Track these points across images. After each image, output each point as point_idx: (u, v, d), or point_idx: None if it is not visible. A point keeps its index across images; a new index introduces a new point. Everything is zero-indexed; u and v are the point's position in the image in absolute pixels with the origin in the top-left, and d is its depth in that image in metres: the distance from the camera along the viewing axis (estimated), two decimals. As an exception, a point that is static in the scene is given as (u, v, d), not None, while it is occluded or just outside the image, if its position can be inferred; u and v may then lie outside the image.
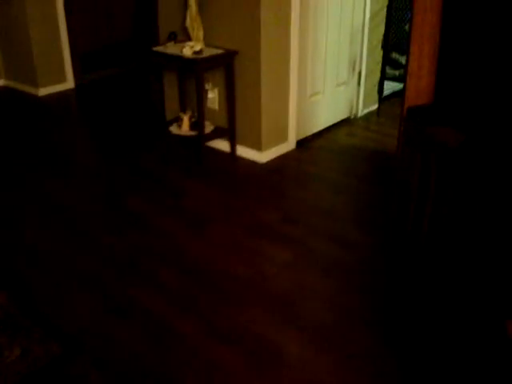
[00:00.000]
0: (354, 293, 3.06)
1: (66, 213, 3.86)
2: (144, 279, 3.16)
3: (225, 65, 4.43)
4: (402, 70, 6.73)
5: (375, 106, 5.93)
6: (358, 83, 5.53)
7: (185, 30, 4.54)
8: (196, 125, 4.59)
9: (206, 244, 3.50)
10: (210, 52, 4.28)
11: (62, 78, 6.59)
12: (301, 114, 4.87)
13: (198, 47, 4.20)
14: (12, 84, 6.69)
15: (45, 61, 6.35)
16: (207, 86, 4.65)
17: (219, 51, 4.32)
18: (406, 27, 6.53)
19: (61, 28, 6.38)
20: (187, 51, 4.20)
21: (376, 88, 5.83)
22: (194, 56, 4.18)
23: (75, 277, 3.18)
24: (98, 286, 3.10)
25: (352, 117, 5.66)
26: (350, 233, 3.63)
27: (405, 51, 6.56)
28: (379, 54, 5.68)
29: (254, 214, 3.84)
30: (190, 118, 4.60)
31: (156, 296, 3.01)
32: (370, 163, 4.69)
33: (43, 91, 6.42)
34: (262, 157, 4.62)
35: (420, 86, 3.17)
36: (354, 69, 5.42)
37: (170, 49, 4.39)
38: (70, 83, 6.67)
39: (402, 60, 6.65)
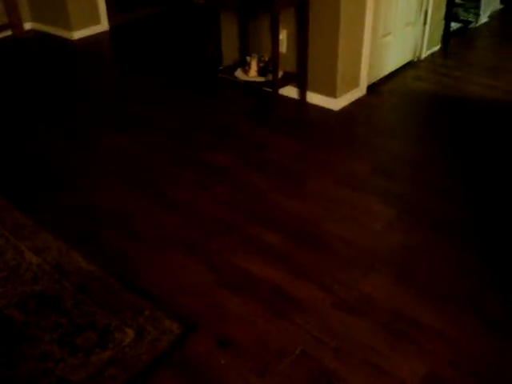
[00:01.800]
0: (471, 249, 2.81)
1: (138, 170, 3.53)
2: (245, 243, 2.87)
3: (298, 4, 4.03)
4: (458, 9, 6.34)
5: (436, 48, 5.54)
6: (424, 23, 5.12)
7: (249, -36, 4.12)
8: (264, 70, 4.23)
9: (302, 201, 3.21)
10: (284, -11, 3.87)
11: (95, 20, 6.13)
12: (372, 56, 4.49)
13: (272, -16, 3.78)
14: (41, 27, 6.23)
15: (78, 3, 5.89)
16: (275, 28, 4.25)
17: (294, -12, 3.91)
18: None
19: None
20: (261, -12, 3.79)
21: (440, 26, 5.42)
22: (269, -6, 3.78)
23: (169, 243, 2.87)
24: (198, 252, 2.80)
25: (416, 59, 5.27)
26: (449, 184, 3.34)
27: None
28: (445, -10, 5.26)
29: (343, 166, 3.54)
30: (258, 63, 4.22)
31: (263, 262, 2.72)
32: (448, 110, 4.34)
33: (77, 34, 5.97)
34: (336, 104, 4.27)
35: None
36: (421, 8, 5.01)
37: (240, -14, 3.97)
38: (104, 25, 6.23)
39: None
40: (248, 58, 4.26)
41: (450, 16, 5.45)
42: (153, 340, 2.27)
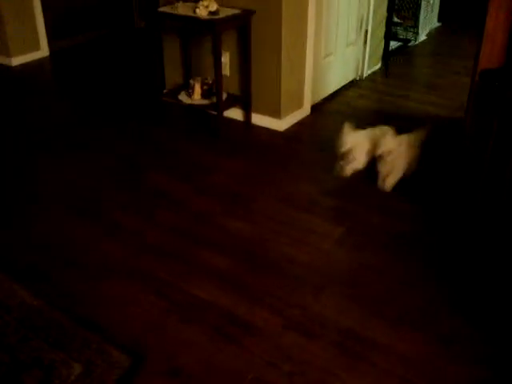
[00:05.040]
0: (422, 266, 2.85)
1: (82, 197, 3.44)
2: (194, 268, 2.82)
3: (240, 26, 4.04)
4: (397, 28, 6.49)
5: (377, 67, 5.65)
6: (365, 42, 5.22)
7: (190, -13, 4.12)
8: (208, 93, 4.21)
9: (250, 223, 3.18)
10: (225, 12, 3.88)
11: (35, 46, 6.01)
12: (315, 76, 4.54)
13: (213, 7, 3.79)
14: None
15: (17, 28, 5.76)
16: (217, 50, 4.25)
17: (235, 11, 3.93)
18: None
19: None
20: (202, 12, 3.79)
21: (381, 46, 5.54)
22: (211, 17, 3.78)
23: (115, 271, 2.80)
24: (145, 280, 2.73)
25: (357, 78, 5.36)
26: (396, 201, 3.38)
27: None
28: (384, 11, 5.37)
29: (291, 188, 3.54)
30: (202, 86, 4.20)
31: (212, 287, 2.68)
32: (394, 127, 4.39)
33: (16, 60, 5.84)
34: (281, 125, 4.29)
35: (494, 48, 2.91)
36: (361, 28, 5.10)
37: (181, 9, 3.96)
38: (44, 51, 6.11)
39: (395, 17, 6.38)
40: (191, 81, 4.24)
41: (389, 35, 5.56)
42: (101, 373, 2.20)
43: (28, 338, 2.38)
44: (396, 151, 3.23)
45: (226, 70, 4.30)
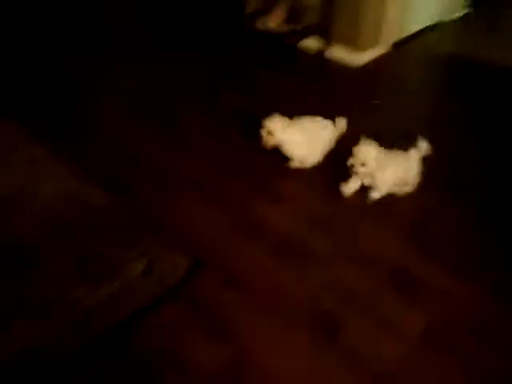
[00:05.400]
0: (484, 213, 2.80)
1: (159, 114, 3.51)
2: (263, 191, 2.87)
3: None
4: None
5: (466, 11, 5.43)
6: (455, -17, 5.01)
7: None
8: (288, 20, 4.17)
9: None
10: None
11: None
12: (399, 12, 4.39)
13: None
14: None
15: None
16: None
17: None
18: None
19: None
20: None
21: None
22: None
23: (184, 184, 2.88)
24: (213, 195, 2.81)
25: (444, 21, 5.16)
26: (465, 147, 3.32)
27: None
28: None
29: (370, 125, 3.38)
30: (282, 13, 4.14)
31: (278, 210, 2.73)
32: (472, 74, 4.24)
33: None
34: (359, 58, 4.22)
35: None
36: (453, -34, 4.88)
37: None
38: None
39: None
40: (272, 8, 4.18)
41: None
42: (162, 272, 2.31)
43: (96, 235, 2.50)
44: (373, 164, 2.71)
45: (307, -2, 4.21)
